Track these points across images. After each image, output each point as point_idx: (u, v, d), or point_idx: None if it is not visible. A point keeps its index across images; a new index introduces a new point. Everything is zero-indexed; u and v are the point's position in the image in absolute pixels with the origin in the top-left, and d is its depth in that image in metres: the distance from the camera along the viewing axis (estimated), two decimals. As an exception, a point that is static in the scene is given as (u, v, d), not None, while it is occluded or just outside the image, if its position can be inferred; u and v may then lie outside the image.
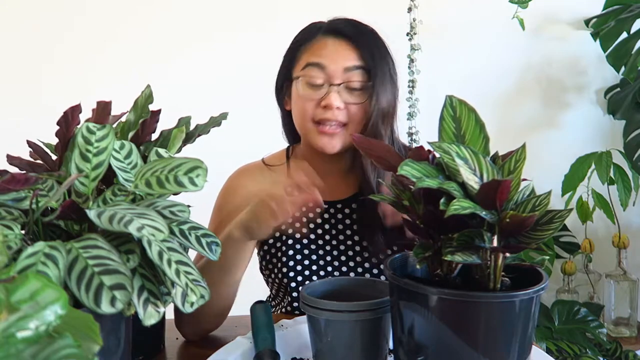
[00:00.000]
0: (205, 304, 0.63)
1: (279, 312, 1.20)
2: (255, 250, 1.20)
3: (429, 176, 0.62)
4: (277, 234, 1.15)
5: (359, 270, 1.13)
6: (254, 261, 1.16)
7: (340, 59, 1.07)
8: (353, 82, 1.08)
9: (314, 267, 1.13)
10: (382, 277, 1.10)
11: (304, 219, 1.15)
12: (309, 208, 1.15)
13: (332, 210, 1.16)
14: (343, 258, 1.13)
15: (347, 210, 1.16)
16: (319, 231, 1.15)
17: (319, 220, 1.15)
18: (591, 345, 1.85)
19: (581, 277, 2.16)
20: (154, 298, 0.59)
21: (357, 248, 1.14)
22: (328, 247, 1.14)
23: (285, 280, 1.13)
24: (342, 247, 1.14)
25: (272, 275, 1.17)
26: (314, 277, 1.12)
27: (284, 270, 1.12)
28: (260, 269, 1.23)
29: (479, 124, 0.67)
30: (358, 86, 1.08)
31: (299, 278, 1.12)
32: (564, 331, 1.90)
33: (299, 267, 1.13)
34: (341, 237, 1.15)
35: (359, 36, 1.10)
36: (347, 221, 1.15)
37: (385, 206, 0.99)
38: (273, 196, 0.91)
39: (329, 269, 1.13)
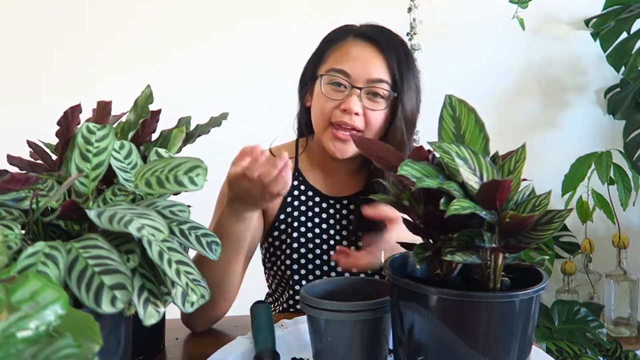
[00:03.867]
0: (216, 286, 0.62)
1: (278, 308, 1.21)
2: (259, 246, 1.21)
3: (429, 176, 0.63)
4: (283, 226, 1.16)
5: None
6: (255, 262, 1.16)
7: (366, 68, 1.07)
8: (375, 88, 1.08)
9: (317, 262, 1.14)
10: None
11: (310, 214, 1.16)
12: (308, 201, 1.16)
13: (337, 206, 1.18)
14: None
15: (352, 207, 1.18)
16: (324, 226, 1.17)
17: (324, 215, 1.17)
18: (591, 345, 1.85)
19: (581, 277, 2.16)
20: (154, 298, 0.59)
21: (360, 244, 1.15)
22: (332, 242, 1.16)
23: (288, 272, 1.14)
24: (345, 243, 1.16)
25: (275, 268, 1.18)
26: (317, 272, 1.14)
27: (287, 262, 1.14)
28: (263, 261, 1.24)
29: (479, 123, 0.67)
30: (380, 93, 1.08)
31: (302, 271, 1.14)
32: (564, 331, 1.90)
33: (302, 261, 1.14)
34: (345, 232, 1.16)
35: (388, 45, 1.09)
36: (352, 217, 1.17)
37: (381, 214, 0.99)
38: (239, 173, 0.87)
39: (332, 263, 1.14)
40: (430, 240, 0.68)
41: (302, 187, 1.19)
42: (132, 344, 0.68)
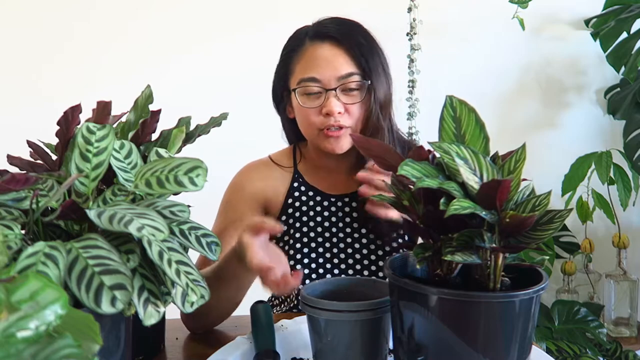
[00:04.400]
0: (213, 304, 0.63)
1: (284, 309, 1.21)
2: None
3: (429, 176, 0.62)
4: (285, 227, 1.17)
5: (365, 262, 1.14)
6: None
7: (333, 68, 1.08)
8: (348, 83, 1.09)
9: (320, 260, 1.14)
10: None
11: (311, 213, 1.17)
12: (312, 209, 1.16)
13: (339, 204, 1.18)
14: (350, 250, 1.15)
15: (353, 204, 1.18)
16: (326, 224, 1.17)
17: (326, 214, 1.17)
18: (591, 345, 1.85)
19: (581, 277, 2.17)
20: (154, 298, 0.59)
21: (364, 240, 1.16)
22: (335, 240, 1.16)
23: (292, 272, 1.14)
24: (349, 240, 1.16)
25: None
26: (320, 270, 1.14)
27: (291, 263, 1.14)
28: None
29: (479, 124, 0.67)
30: (354, 86, 1.09)
31: (306, 271, 1.14)
32: (564, 331, 1.91)
33: (305, 260, 1.14)
34: (348, 229, 1.17)
35: (346, 37, 1.10)
36: (354, 214, 1.17)
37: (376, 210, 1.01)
38: (259, 267, 0.86)
39: (336, 261, 1.14)
40: (430, 240, 0.68)
41: (303, 188, 1.19)
42: (132, 344, 0.68)
